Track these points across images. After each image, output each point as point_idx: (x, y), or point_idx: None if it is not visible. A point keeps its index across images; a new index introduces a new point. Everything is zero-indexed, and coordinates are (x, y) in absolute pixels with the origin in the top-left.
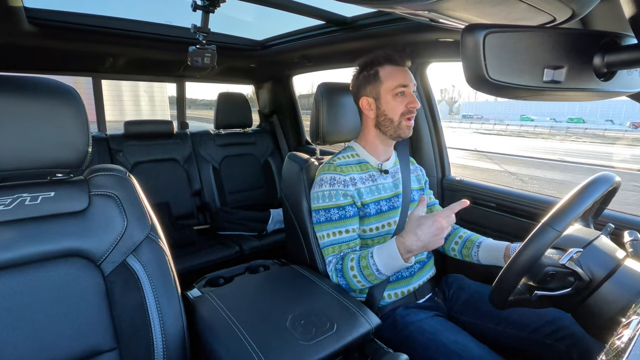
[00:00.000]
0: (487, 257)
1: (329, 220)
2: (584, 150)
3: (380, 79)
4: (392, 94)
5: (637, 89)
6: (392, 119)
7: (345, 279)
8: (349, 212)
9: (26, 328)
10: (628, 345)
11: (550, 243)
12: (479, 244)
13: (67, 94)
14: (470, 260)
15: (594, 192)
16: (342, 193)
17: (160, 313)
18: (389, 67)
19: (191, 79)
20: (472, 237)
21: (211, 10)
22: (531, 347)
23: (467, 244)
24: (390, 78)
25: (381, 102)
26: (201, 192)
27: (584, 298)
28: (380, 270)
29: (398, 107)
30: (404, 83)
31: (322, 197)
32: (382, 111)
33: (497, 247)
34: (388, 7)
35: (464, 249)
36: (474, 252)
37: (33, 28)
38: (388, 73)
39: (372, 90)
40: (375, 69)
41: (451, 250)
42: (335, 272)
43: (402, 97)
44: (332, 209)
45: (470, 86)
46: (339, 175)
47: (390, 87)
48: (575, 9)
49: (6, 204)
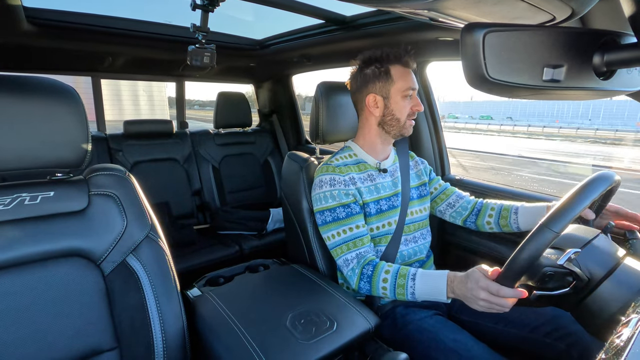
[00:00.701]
0: (528, 222)
1: (336, 219)
2: (511, 144)
3: (392, 79)
4: (402, 95)
5: (636, 88)
6: (399, 119)
7: (370, 285)
8: (355, 209)
9: (26, 328)
10: (627, 344)
11: (548, 244)
12: (516, 210)
13: (67, 94)
14: (510, 229)
15: (592, 193)
16: (344, 192)
17: (160, 312)
18: (400, 67)
19: (191, 78)
20: (506, 206)
21: (210, 9)
22: (531, 345)
23: (503, 214)
24: (402, 79)
25: (390, 101)
26: (201, 191)
27: (583, 297)
28: (415, 295)
29: (406, 108)
30: (414, 86)
31: (324, 198)
32: (390, 110)
33: (537, 211)
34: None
35: (501, 219)
36: (512, 219)
37: (32, 27)
38: (400, 74)
39: (382, 88)
40: (386, 67)
41: (486, 224)
42: (360, 275)
43: (410, 99)
44: (337, 208)
45: (470, 85)
46: (338, 176)
47: (402, 89)
48: (575, 8)
49: (6, 204)
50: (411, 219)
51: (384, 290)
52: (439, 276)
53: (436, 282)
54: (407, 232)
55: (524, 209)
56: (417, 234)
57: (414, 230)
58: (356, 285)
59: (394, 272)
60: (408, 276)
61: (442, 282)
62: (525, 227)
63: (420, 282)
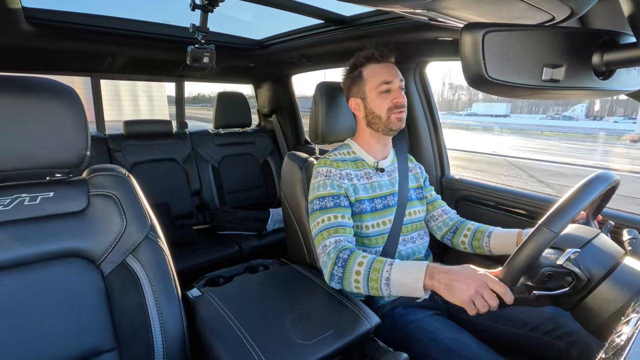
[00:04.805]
0: (498, 246)
1: (323, 207)
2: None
3: (364, 79)
4: (377, 91)
5: (635, 88)
6: (379, 115)
7: (344, 270)
8: (343, 202)
9: (26, 328)
10: (627, 343)
11: (547, 244)
12: (489, 233)
13: (66, 94)
14: (482, 252)
15: (591, 193)
16: (337, 184)
17: (160, 313)
18: (372, 65)
19: (190, 78)
20: (481, 228)
21: (210, 9)
22: (531, 344)
23: (477, 235)
24: (373, 76)
25: (367, 101)
26: (200, 191)
27: (582, 297)
28: (390, 281)
29: (384, 103)
30: (387, 80)
31: (317, 188)
32: (370, 110)
33: (508, 235)
34: (387, 6)
35: (475, 241)
36: (484, 242)
37: (31, 28)
38: (371, 72)
39: (358, 91)
40: (359, 70)
41: (461, 244)
42: (335, 260)
43: (388, 93)
44: (326, 197)
45: (470, 85)
46: (335, 169)
47: (374, 86)
48: (574, 8)
49: (5, 205)
50: (410, 220)
51: (357, 276)
52: (418, 263)
53: (415, 266)
54: (405, 232)
55: (497, 233)
56: (415, 235)
57: (412, 231)
58: (329, 272)
59: (371, 258)
60: (385, 262)
61: (420, 269)
62: (497, 251)
63: (398, 265)
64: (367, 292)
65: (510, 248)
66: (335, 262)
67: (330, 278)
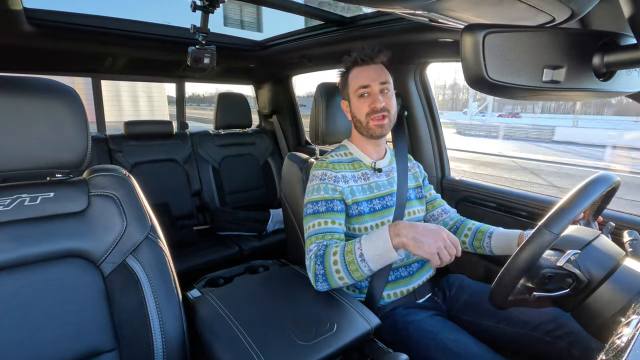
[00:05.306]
0: (499, 247)
1: (316, 212)
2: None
3: (348, 82)
4: (357, 95)
5: (636, 89)
6: (360, 119)
7: (324, 266)
8: (337, 206)
9: (26, 328)
10: (628, 345)
11: (548, 246)
12: (490, 234)
13: (67, 95)
14: (483, 252)
15: (591, 194)
16: (331, 187)
17: (160, 313)
18: (356, 69)
19: (191, 79)
20: (482, 228)
21: (211, 10)
22: (532, 344)
23: (477, 236)
24: (355, 80)
25: (351, 104)
26: (201, 192)
27: (582, 298)
28: (364, 256)
29: (362, 107)
30: (364, 84)
31: (311, 191)
32: (354, 113)
33: (510, 236)
34: (387, 7)
35: (475, 241)
36: (485, 242)
37: (33, 29)
38: (355, 75)
39: (345, 94)
40: (347, 74)
41: (462, 244)
42: (315, 258)
43: (366, 97)
44: (320, 202)
45: (470, 86)
46: (330, 172)
47: (354, 89)
48: (575, 9)
49: (5, 205)
50: (409, 219)
51: (335, 265)
52: (381, 228)
53: (378, 232)
54: None
55: (498, 234)
56: None
57: None
58: (312, 273)
59: (342, 244)
60: (355, 241)
61: (382, 229)
62: (498, 251)
63: (365, 239)
64: (351, 279)
65: (511, 249)
66: (315, 261)
67: (315, 279)
